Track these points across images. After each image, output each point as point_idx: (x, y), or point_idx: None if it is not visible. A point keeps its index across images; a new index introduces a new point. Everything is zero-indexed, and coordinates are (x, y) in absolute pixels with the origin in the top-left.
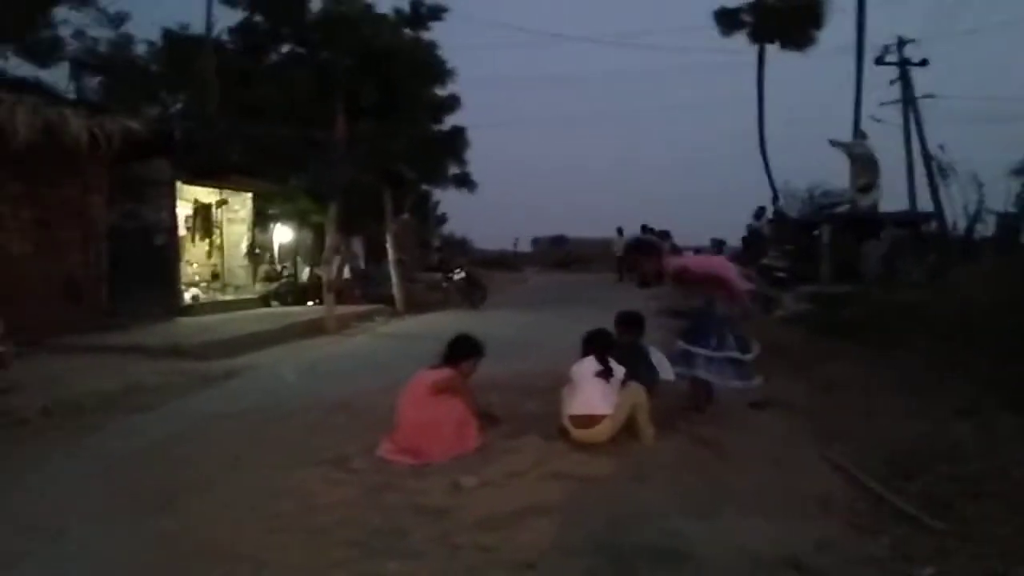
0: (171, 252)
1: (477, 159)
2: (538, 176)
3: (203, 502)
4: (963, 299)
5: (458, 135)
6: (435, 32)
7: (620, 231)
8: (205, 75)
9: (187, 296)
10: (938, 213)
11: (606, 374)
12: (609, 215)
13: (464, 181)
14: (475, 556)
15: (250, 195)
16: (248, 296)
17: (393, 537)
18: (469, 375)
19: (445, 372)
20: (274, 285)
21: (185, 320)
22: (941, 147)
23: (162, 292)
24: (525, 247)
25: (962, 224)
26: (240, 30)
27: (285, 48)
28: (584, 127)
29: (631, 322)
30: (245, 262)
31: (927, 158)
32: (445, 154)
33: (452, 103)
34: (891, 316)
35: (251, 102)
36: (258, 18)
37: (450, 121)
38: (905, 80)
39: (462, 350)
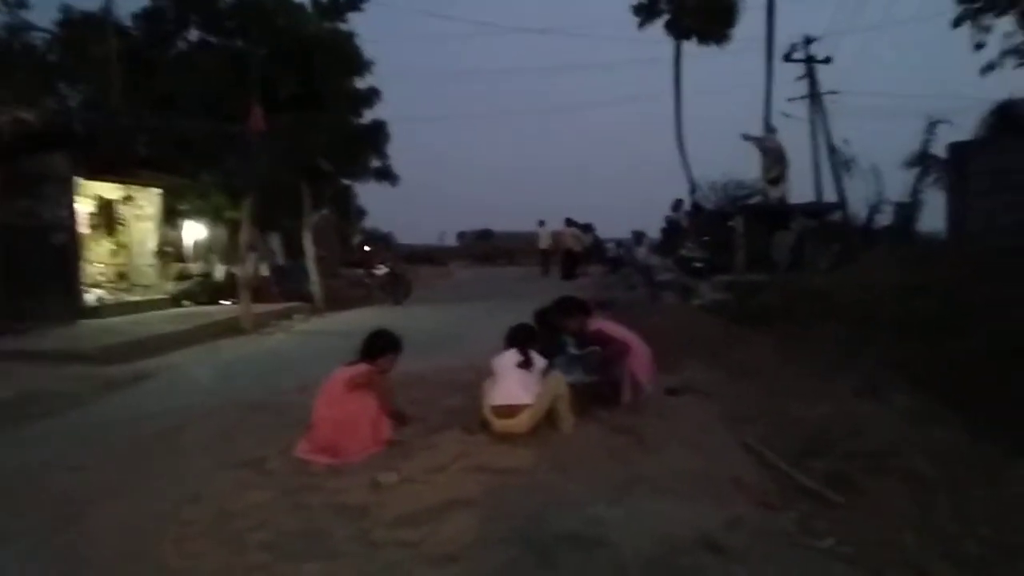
0: (71, 251)
1: (401, 153)
2: (464, 170)
3: (112, 512)
4: (865, 285)
5: (379, 128)
6: (356, 22)
7: (542, 223)
8: (107, 60)
9: (90, 297)
10: (842, 204)
11: (527, 364)
12: (535, 208)
13: (386, 174)
14: (396, 552)
15: (159, 191)
16: (158, 296)
17: (311, 538)
18: (387, 370)
19: (360, 368)
20: (186, 284)
21: (89, 322)
22: (845, 141)
23: (63, 294)
24: (451, 241)
25: (864, 214)
26: (145, 16)
27: (195, 36)
28: (509, 121)
29: (562, 309)
30: (154, 261)
31: (832, 151)
32: (366, 147)
33: (372, 96)
34: (801, 302)
35: (159, 93)
36: (164, 3)
37: (371, 114)
38: (811, 77)
39: (378, 346)
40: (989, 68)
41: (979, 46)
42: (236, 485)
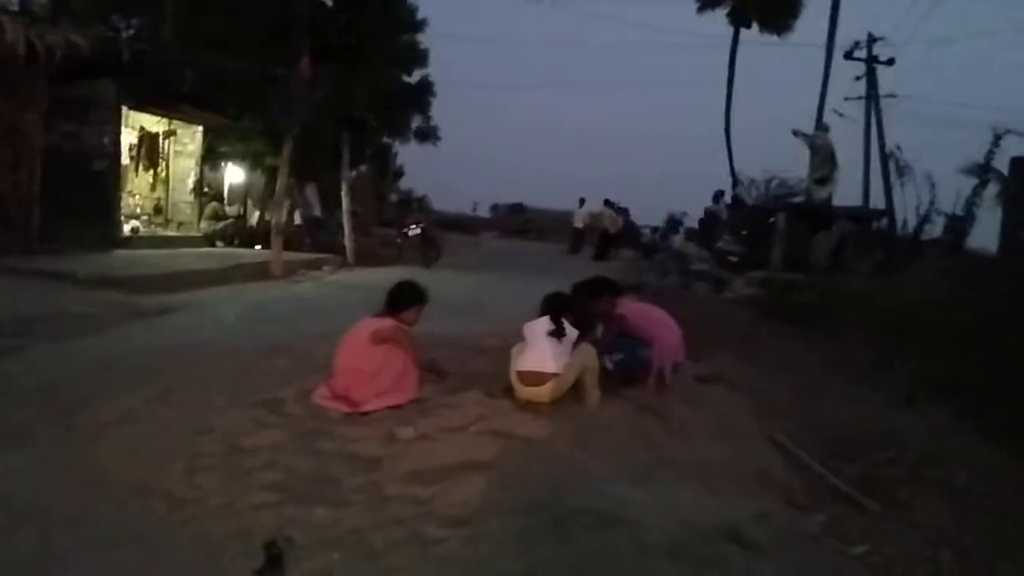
0: (111, 180)
1: (443, 119)
2: (503, 142)
3: (125, 435)
4: (906, 295)
5: (425, 88)
6: None
7: (582, 201)
8: None
9: (126, 228)
10: (889, 211)
11: (558, 333)
12: (570, 187)
13: (428, 134)
14: (405, 508)
15: (200, 129)
16: (192, 234)
17: (321, 484)
18: (412, 323)
19: (386, 322)
20: (220, 225)
21: (122, 252)
22: (898, 147)
23: (99, 221)
24: (484, 212)
25: (911, 223)
26: None
27: None
28: (554, 95)
29: (591, 290)
30: (191, 198)
31: (884, 156)
32: (409, 106)
33: (421, 55)
34: (838, 305)
35: (209, 32)
36: None
37: (418, 74)
38: (871, 77)
39: (405, 298)
40: None
41: None
42: (250, 423)
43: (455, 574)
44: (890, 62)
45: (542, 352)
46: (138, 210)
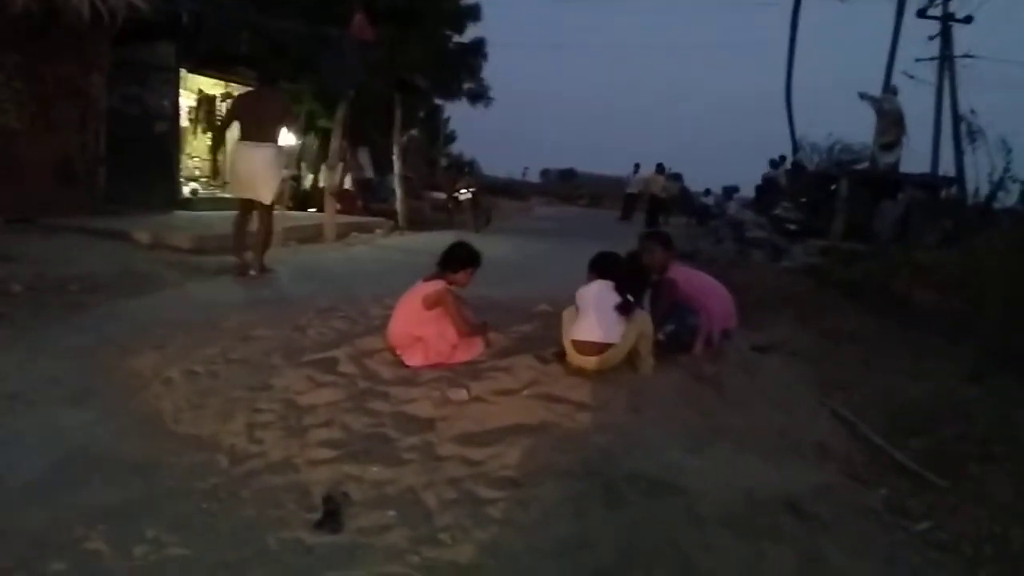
0: (172, 142)
1: (493, 81)
2: (554, 106)
3: (186, 390)
4: (977, 266)
5: (476, 49)
6: None
7: (637, 167)
8: None
9: (186, 189)
10: (959, 179)
11: (624, 309)
12: (622, 152)
13: (479, 96)
14: (459, 468)
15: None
16: None
17: (376, 442)
18: (463, 285)
19: (436, 284)
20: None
21: (182, 213)
22: (972, 111)
23: (161, 182)
24: (534, 177)
25: (983, 191)
26: None
27: None
28: (606, 59)
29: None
30: None
31: (956, 121)
32: (460, 68)
33: (473, 13)
34: (905, 276)
35: None
36: None
37: (469, 34)
38: (946, 37)
39: (458, 258)
40: None
41: None
42: (307, 382)
43: (507, 535)
44: (967, 20)
45: (598, 320)
46: (197, 172)
